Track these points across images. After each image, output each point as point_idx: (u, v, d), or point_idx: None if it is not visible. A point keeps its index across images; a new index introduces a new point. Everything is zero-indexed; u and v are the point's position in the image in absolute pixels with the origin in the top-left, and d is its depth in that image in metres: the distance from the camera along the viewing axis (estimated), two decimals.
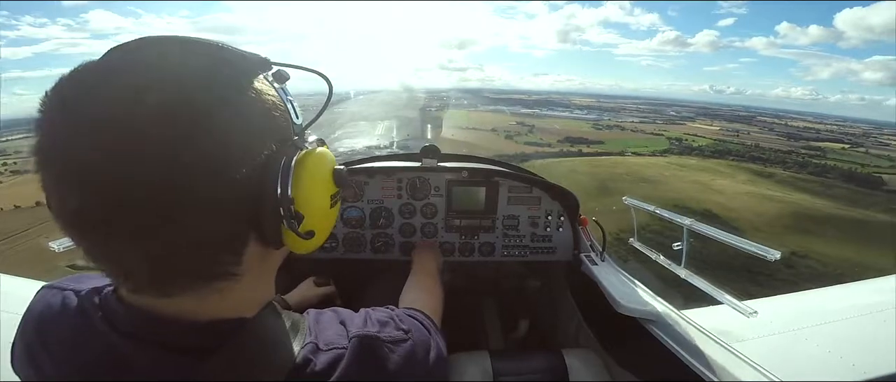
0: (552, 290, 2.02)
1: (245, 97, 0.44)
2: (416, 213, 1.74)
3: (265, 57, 0.48)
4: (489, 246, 1.80)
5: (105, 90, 0.38)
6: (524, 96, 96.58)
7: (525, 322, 2.16)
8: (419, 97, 8.05)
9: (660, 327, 1.22)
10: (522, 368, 1.40)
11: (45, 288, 0.55)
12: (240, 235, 0.45)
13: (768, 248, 1.25)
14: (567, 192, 1.71)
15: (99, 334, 0.46)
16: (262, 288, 0.53)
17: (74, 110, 0.38)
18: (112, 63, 0.41)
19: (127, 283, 0.44)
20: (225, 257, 0.44)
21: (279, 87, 0.50)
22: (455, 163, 1.74)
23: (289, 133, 0.49)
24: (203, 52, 0.44)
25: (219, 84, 0.43)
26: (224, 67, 0.44)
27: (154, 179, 0.37)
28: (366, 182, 1.70)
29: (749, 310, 1.26)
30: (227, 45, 0.46)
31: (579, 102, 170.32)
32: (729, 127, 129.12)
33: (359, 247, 1.77)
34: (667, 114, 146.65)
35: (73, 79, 0.40)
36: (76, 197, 0.37)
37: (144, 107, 0.37)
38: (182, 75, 0.41)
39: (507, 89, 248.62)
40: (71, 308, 0.50)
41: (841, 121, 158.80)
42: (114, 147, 0.36)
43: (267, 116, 0.46)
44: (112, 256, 0.41)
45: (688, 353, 1.10)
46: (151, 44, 0.43)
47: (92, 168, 0.36)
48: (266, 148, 0.45)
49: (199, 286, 0.44)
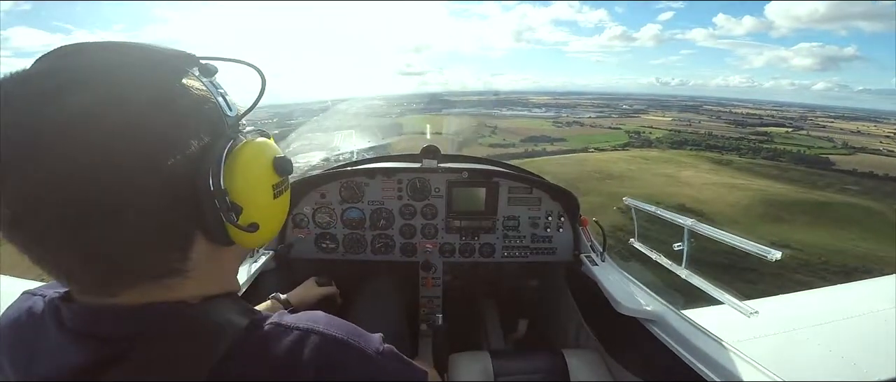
0: (552, 290, 2.02)
1: (170, 92, 0.44)
2: (416, 214, 1.74)
3: (190, 52, 0.48)
4: (489, 246, 1.80)
5: (25, 95, 0.38)
6: (483, 97, 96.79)
7: (525, 323, 2.16)
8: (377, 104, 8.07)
9: (660, 327, 1.22)
10: (523, 368, 1.40)
11: (23, 294, 0.55)
12: (182, 232, 0.45)
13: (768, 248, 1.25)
14: (567, 193, 1.71)
15: (47, 334, 0.46)
16: (216, 283, 0.52)
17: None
18: (33, 70, 0.41)
19: (73, 285, 0.44)
20: (169, 254, 0.44)
21: (208, 81, 0.49)
22: (455, 164, 1.74)
23: (221, 126, 0.48)
24: (125, 53, 0.44)
25: (141, 81, 0.42)
26: (146, 65, 0.44)
27: (81, 180, 0.37)
28: (366, 183, 1.71)
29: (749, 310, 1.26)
30: (151, 45, 0.46)
31: (536, 101, 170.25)
32: (680, 117, 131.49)
33: (359, 248, 1.77)
34: (620, 109, 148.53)
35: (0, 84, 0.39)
36: (7, 204, 0.37)
37: (67, 108, 0.37)
38: (104, 75, 0.41)
39: (466, 91, 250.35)
40: (35, 312, 0.50)
41: (777, 106, 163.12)
42: (37, 151, 0.36)
43: (195, 110, 0.46)
44: (50, 260, 0.41)
45: (688, 353, 1.10)
46: (73, 50, 0.43)
47: (15, 175, 0.36)
48: (196, 140, 0.44)
49: (145, 283, 0.44)
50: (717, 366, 1.01)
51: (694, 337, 1.11)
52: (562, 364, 1.39)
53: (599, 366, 1.40)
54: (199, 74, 0.48)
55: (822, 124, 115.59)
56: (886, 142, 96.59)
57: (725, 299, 1.32)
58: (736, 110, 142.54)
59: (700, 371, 1.04)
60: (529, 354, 1.47)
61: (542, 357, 1.43)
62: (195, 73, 0.48)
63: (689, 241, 1.55)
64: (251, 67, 0.56)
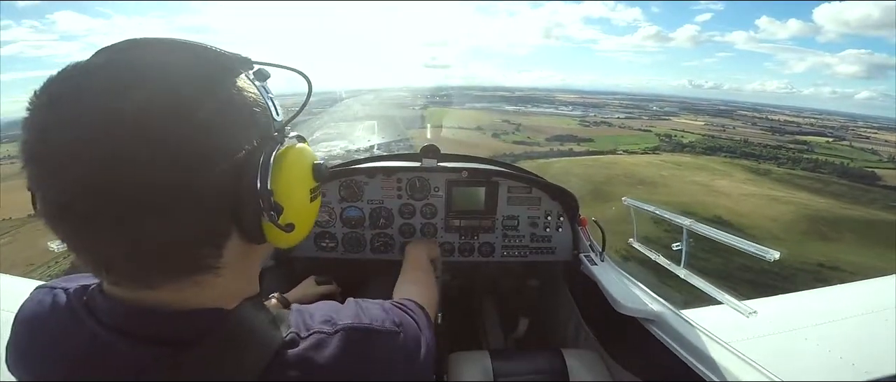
0: (552, 290, 2.02)
1: (227, 94, 0.46)
2: (415, 213, 1.75)
3: (246, 56, 0.50)
4: (489, 246, 1.80)
5: (91, 87, 0.39)
6: (508, 93, 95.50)
7: (525, 322, 2.16)
8: (402, 95, 7.88)
9: (660, 327, 1.23)
10: (523, 368, 1.40)
11: (38, 288, 0.56)
12: (221, 229, 0.46)
13: (767, 248, 1.25)
14: (567, 192, 1.71)
15: (83, 327, 0.46)
16: (243, 282, 0.54)
17: (61, 106, 0.39)
18: (100, 62, 0.42)
19: (108, 276, 0.45)
20: (206, 250, 0.45)
21: (260, 85, 0.51)
22: (455, 163, 1.74)
23: (269, 129, 0.50)
24: (187, 52, 0.46)
25: (202, 81, 0.44)
26: (207, 66, 0.46)
27: (137, 173, 0.38)
28: (366, 182, 1.71)
29: (749, 310, 1.26)
30: (211, 46, 0.47)
31: (563, 98, 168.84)
32: (713, 121, 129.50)
33: (359, 247, 1.77)
34: (650, 110, 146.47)
35: (62, 77, 0.41)
36: (58, 190, 0.38)
37: (130, 102, 0.38)
38: (167, 73, 0.42)
39: (491, 86, 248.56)
40: (60, 305, 0.50)
41: (817, 113, 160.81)
42: (98, 141, 0.37)
43: (248, 113, 0.48)
44: (93, 249, 0.42)
45: (688, 353, 1.10)
46: (138, 45, 0.44)
47: (76, 161, 0.37)
48: (247, 143, 0.46)
49: (180, 278, 0.45)
50: (716, 366, 1.02)
51: (693, 337, 1.12)
52: (561, 363, 1.39)
53: (598, 366, 1.41)
54: (252, 78, 0.50)
55: (865, 135, 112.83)
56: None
57: (724, 299, 1.32)
58: (773, 117, 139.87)
59: (699, 370, 1.05)
60: (528, 354, 1.48)
61: (542, 357, 1.44)
62: (250, 77, 0.50)
63: (688, 241, 1.55)
64: (299, 74, 0.60)
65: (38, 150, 0.39)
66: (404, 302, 0.71)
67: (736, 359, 1.01)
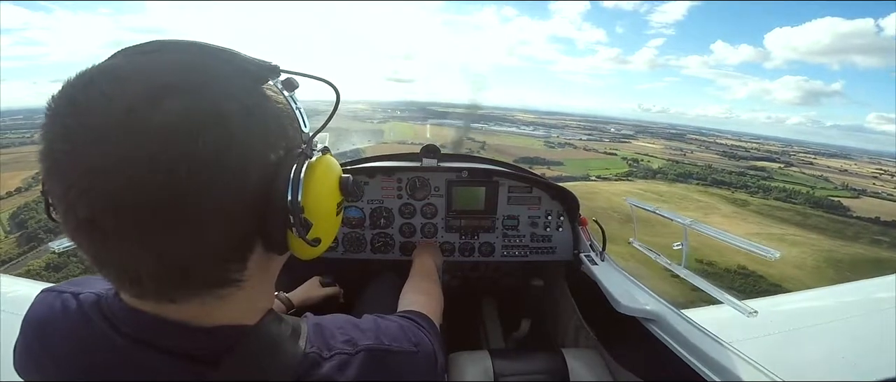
0: (552, 290, 2.02)
1: (258, 104, 0.44)
2: (416, 213, 1.74)
3: (275, 64, 0.48)
4: (489, 245, 1.80)
5: (120, 94, 0.37)
6: (469, 111, 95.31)
7: (525, 322, 2.16)
8: (360, 108, 7.78)
9: (660, 326, 1.22)
10: (523, 368, 1.40)
11: (44, 292, 0.55)
12: (247, 242, 0.45)
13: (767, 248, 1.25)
14: (567, 192, 1.71)
15: (104, 337, 0.45)
16: (263, 294, 0.53)
17: (86, 115, 0.36)
18: (126, 66, 0.40)
19: (133, 289, 0.43)
20: (232, 264, 0.44)
21: (289, 95, 0.49)
22: (455, 163, 1.74)
23: (298, 141, 0.49)
24: (216, 58, 0.44)
25: (234, 91, 0.42)
26: (238, 74, 0.44)
27: (167, 187, 0.36)
28: (366, 182, 1.70)
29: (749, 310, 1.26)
30: (239, 52, 0.46)
31: (523, 118, 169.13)
32: (669, 144, 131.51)
33: (359, 247, 1.77)
34: (609, 132, 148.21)
35: (84, 82, 0.38)
36: (87, 205, 0.36)
37: (161, 112, 0.36)
38: (198, 82, 0.40)
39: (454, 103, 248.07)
40: (71, 310, 0.49)
41: (754, 138, 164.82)
42: (128, 153, 0.35)
43: (278, 123, 0.46)
44: (121, 263, 0.40)
45: (688, 353, 1.10)
46: (166, 48, 0.43)
47: (104, 175, 0.35)
48: (276, 155, 0.45)
49: (205, 292, 0.44)
50: (716, 366, 1.01)
51: (693, 337, 1.11)
52: (561, 363, 1.39)
53: (599, 366, 1.40)
54: (280, 87, 0.49)
55: (807, 160, 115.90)
56: (879, 183, 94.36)
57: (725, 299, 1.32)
58: (720, 141, 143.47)
59: (699, 370, 1.04)
60: (529, 353, 1.47)
61: (542, 357, 1.43)
62: (278, 86, 0.48)
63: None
64: (328, 85, 0.56)
65: (60, 162, 0.37)
66: (416, 317, 0.72)
67: (737, 359, 1.01)
